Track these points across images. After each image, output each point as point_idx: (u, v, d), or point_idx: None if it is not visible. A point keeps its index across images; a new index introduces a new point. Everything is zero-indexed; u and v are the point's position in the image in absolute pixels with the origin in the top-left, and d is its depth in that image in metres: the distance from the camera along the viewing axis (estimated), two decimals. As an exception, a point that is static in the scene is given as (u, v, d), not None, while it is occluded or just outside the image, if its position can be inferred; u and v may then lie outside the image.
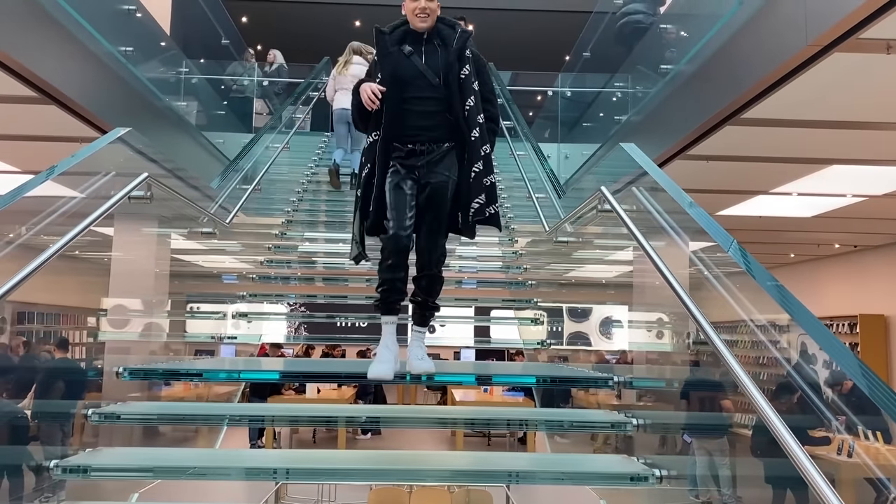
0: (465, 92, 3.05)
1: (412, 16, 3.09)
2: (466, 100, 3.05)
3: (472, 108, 3.05)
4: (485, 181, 3.05)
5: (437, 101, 3.06)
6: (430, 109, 3.05)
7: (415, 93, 3.05)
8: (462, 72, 3.07)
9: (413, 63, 3.07)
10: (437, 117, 3.05)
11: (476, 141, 3.05)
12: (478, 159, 3.05)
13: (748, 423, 2.73)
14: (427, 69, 3.06)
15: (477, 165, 3.05)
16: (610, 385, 3.29)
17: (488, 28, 13.31)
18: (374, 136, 3.08)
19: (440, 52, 3.09)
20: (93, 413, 2.78)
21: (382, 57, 3.12)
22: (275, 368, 3.93)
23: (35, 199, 2.71)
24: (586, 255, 5.77)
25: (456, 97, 3.04)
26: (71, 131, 5.32)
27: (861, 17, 3.35)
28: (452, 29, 3.15)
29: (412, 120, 3.04)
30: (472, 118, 3.05)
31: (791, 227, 9.24)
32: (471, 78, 3.08)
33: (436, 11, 3.11)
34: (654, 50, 6.57)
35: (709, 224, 2.52)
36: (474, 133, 3.05)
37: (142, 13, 6.62)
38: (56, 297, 10.18)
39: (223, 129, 9.22)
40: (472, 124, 3.05)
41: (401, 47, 3.10)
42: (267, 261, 5.68)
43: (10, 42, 4.12)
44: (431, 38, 3.12)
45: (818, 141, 5.41)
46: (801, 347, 2.17)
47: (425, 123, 3.05)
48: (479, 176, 3.04)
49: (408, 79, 3.05)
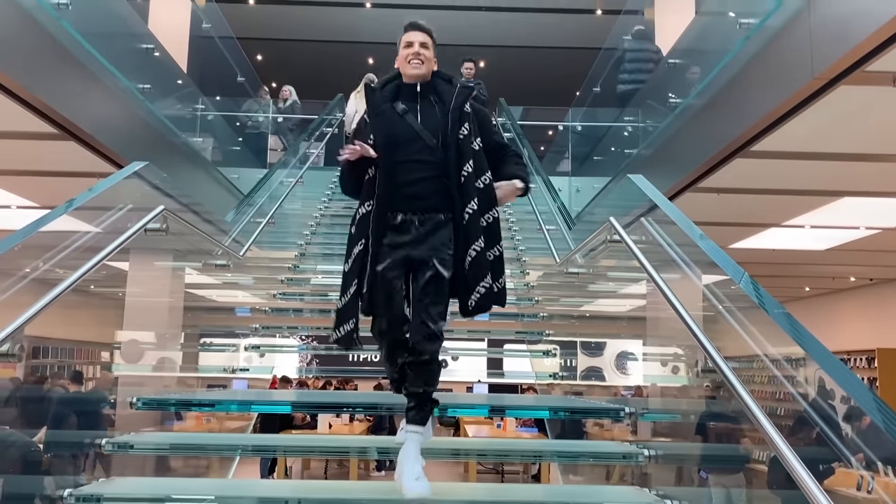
0: (463, 155, 2.71)
1: (404, 63, 2.78)
2: (464, 165, 2.70)
3: (470, 174, 2.69)
4: (488, 256, 2.69)
5: (434, 165, 2.70)
6: (425, 175, 2.70)
7: (409, 155, 2.70)
8: (461, 131, 2.73)
9: (407, 122, 2.74)
10: (434, 183, 2.69)
11: (474, 215, 2.66)
12: (477, 236, 2.65)
13: (764, 458, 2.70)
14: (423, 129, 2.73)
15: (476, 245, 2.65)
16: (622, 416, 3.27)
17: (499, 65, 13.51)
18: (366, 207, 2.70)
19: (437, 110, 2.76)
20: (106, 443, 2.80)
21: (374, 116, 2.78)
22: (286, 399, 3.93)
23: (54, 232, 2.76)
24: (598, 287, 5.76)
25: (452, 161, 2.69)
26: (89, 167, 5.42)
27: (866, 50, 3.39)
28: (450, 84, 2.84)
29: (406, 187, 2.68)
30: (469, 187, 2.68)
31: (805, 261, 9.20)
32: (471, 138, 2.74)
33: (431, 61, 2.80)
34: (663, 84, 6.64)
35: (719, 256, 2.53)
36: (471, 206, 2.66)
37: (160, 52, 6.78)
38: (70, 332, 10.27)
39: (238, 164, 9.35)
40: (469, 194, 2.67)
41: (393, 105, 2.78)
42: (280, 294, 5.72)
43: (31, 80, 4.23)
44: (427, 94, 2.79)
45: (829, 173, 5.41)
46: (818, 382, 2.15)
47: (420, 191, 2.68)
48: (480, 256, 2.65)
49: (401, 140, 2.71)
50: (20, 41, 4.19)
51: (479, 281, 2.65)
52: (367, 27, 12.98)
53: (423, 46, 2.75)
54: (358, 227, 2.72)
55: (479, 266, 2.65)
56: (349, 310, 2.66)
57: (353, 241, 2.71)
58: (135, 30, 6.38)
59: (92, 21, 5.07)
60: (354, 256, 2.68)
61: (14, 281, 2.40)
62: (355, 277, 2.65)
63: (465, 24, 12.43)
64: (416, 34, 2.78)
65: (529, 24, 12.70)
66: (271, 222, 6.97)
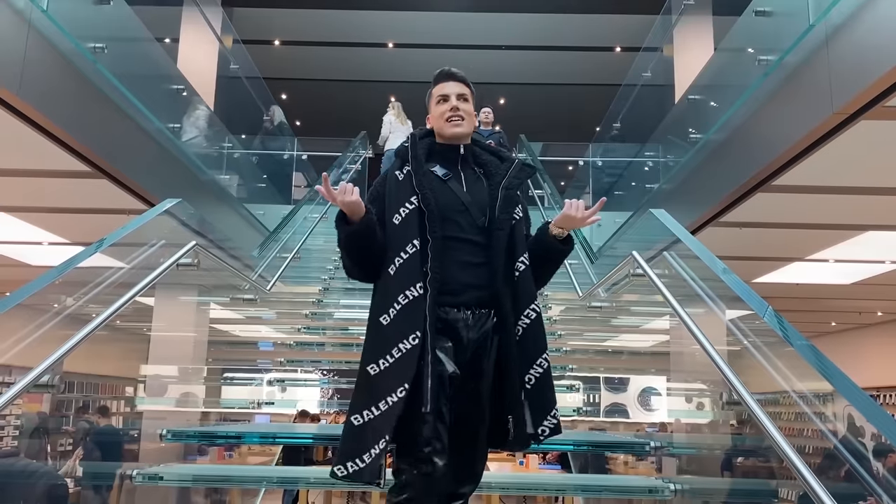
0: (517, 247, 2.15)
1: (441, 122, 2.25)
2: (518, 258, 2.14)
3: (524, 272, 2.13)
4: (546, 385, 2.14)
5: (482, 248, 2.14)
6: (474, 260, 2.13)
7: (456, 231, 2.13)
8: (516, 212, 2.18)
9: (452, 191, 2.18)
10: (482, 271, 2.13)
11: (529, 329, 2.11)
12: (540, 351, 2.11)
13: (793, 496, 2.67)
14: (473, 203, 2.17)
15: (534, 370, 2.11)
16: (647, 450, 3.25)
17: (519, 101, 13.68)
18: (418, 290, 2.02)
19: (484, 184, 2.23)
20: (137, 474, 2.84)
21: (421, 175, 2.15)
22: (308, 431, 3.96)
23: (86, 269, 2.85)
24: (621, 322, 5.75)
25: (502, 254, 2.11)
26: (119, 204, 5.56)
27: (886, 85, 3.42)
28: (499, 159, 2.29)
29: (453, 272, 2.09)
30: (527, 288, 2.13)
31: (830, 295, 9.11)
32: (521, 224, 2.21)
33: (472, 118, 2.27)
34: (684, 119, 6.70)
35: (742, 289, 2.54)
36: (527, 315, 2.11)
37: (188, 92, 6.98)
38: (93, 366, 10.39)
39: (264, 200, 9.51)
40: (526, 299, 2.12)
41: (429, 167, 2.22)
42: (304, 328, 5.78)
43: (69, 122, 4.38)
44: (469, 160, 2.27)
45: (851, 207, 5.40)
46: (847, 419, 2.13)
47: (470, 279, 2.11)
48: (541, 383, 2.11)
49: (448, 212, 2.13)
50: (58, 84, 4.35)
51: (545, 415, 2.11)
52: (389, 66, 13.24)
53: (462, 99, 2.25)
54: (403, 315, 2.01)
55: (540, 393, 2.12)
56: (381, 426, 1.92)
57: (394, 335, 2.00)
58: (165, 71, 6.58)
59: (125, 63, 5.25)
60: (401, 355, 1.97)
61: (50, 316, 2.48)
62: (404, 381, 1.93)
63: (484, 63, 12.64)
64: (451, 85, 2.28)
65: (548, 61, 12.87)
66: (297, 257, 7.07)
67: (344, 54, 13.07)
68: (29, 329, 2.26)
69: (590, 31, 11.97)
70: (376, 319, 2.05)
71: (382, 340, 2.01)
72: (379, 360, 1.99)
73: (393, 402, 1.91)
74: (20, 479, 3.34)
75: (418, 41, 12.33)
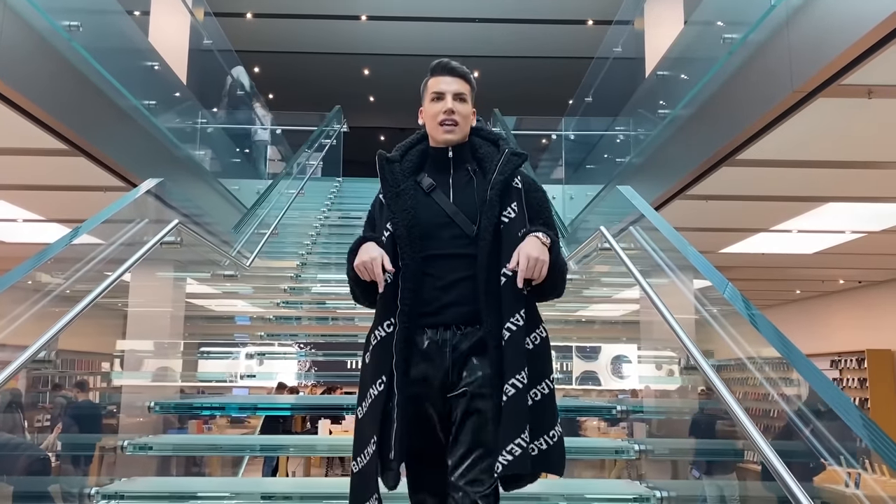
0: (502, 248, 1.95)
1: (433, 124, 2.06)
2: (502, 261, 1.93)
3: (512, 279, 1.90)
4: (532, 396, 1.89)
5: (469, 260, 1.97)
6: (460, 275, 1.97)
7: (438, 248, 1.98)
8: (505, 213, 1.97)
9: (436, 203, 2.02)
10: (466, 285, 1.96)
11: (515, 335, 1.89)
12: (519, 367, 1.86)
13: (757, 459, 2.84)
14: (457, 211, 2.00)
15: (518, 378, 1.85)
16: (614, 414, 3.44)
17: (492, 75, 13.72)
18: (386, 329, 1.95)
19: (476, 184, 2.05)
20: (128, 444, 2.96)
21: (392, 197, 2.01)
22: (287, 402, 4.11)
23: (68, 248, 2.92)
24: (592, 293, 5.93)
25: (483, 269, 1.94)
26: (95, 181, 5.56)
27: (841, 64, 3.57)
28: (495, 146, 2.10)
29: (433, 292, 1.96)
30: (510, 293, 1.91)
31: (794, 264, 9.39)
32: (517, 224, 1.97)
33: (468, 119, 2.08)
34: (653, 94, 6.83)
35: (700, 262, 2.70)
36: (513, 321, 1.90)
37: (162, 67, 6.94)
38: (71, 343, 10.39)
39: (238, 175, 9.52)
40: (512, 307, 1.91)
41: (417, 178, 2.07)
42: (283, 302, 5.88)
43: (46, 100, 4.39)
44: (463, 161, 2.09)
45: (812, 180, 5.60)
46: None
47: (451, 298, 1.96)
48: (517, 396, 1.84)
49: (429, 229, 1.99)
50: (33, 62, 4.35)
51: (516, 434, 1.81)
52: (364, 39, 13.19)
53: (458, 99, 2.05)
54: (374, 357, 1.96)
55: (517, 408, 1.84)
56: (367, 478, 1.88)
57: (369, 378, 1.95)
58: (138, 46, 6.55)
59: (100, 39, 5.23)
60: (372, 401, 1.92)
61: (40, 296, 2.56)
62: (373, 432, 1.89)
63: (457, 36, 12.65)
64: (448, 81, 2.06)
65: (522, 34, 12.92)
66: (275, 233, 7.14)
67: (317, 27, 12.98)
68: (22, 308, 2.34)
69: (562, 4, 12.02)
70: (364, 357, 2.02)
71: (363, 382, 1.99)
72: (362, 402, 1.96)
73: (371, 452, 1.88)
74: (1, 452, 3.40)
75: (391, 14, 12.29)
